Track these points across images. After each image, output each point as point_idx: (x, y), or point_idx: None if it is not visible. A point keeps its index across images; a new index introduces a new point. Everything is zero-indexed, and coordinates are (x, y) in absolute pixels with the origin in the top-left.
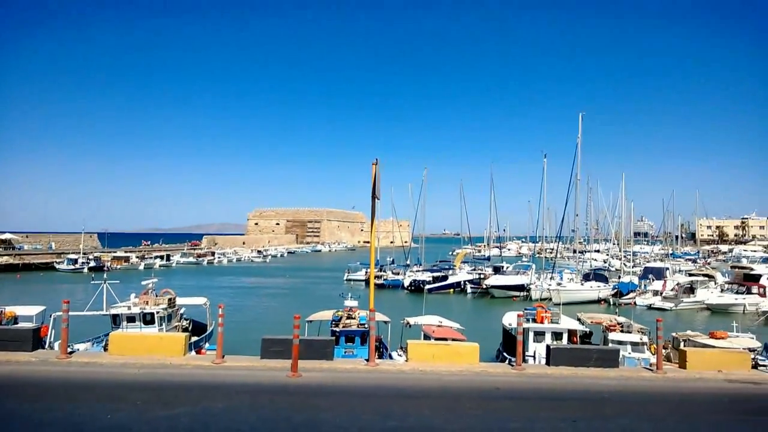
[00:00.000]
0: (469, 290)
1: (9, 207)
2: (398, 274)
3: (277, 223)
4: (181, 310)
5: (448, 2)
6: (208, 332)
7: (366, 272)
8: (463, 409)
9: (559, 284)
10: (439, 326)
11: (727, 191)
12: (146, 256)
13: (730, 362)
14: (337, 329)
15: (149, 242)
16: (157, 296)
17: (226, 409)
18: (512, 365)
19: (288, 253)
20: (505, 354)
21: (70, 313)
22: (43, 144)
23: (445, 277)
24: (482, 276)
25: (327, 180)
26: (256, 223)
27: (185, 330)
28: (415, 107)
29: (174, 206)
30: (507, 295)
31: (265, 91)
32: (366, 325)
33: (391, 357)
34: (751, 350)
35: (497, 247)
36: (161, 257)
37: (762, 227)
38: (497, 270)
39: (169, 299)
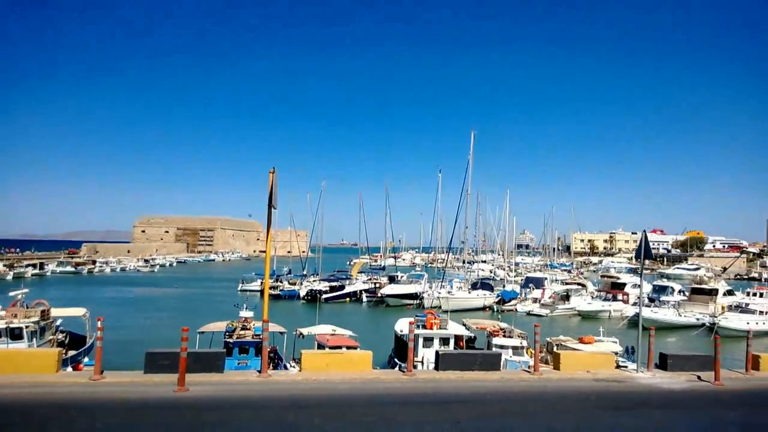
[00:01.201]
0: (364, 299)
1: None
2: (295, 284)
3: (166, 231)
4: (57, 323)
5: (350, 21)
6: (87, 345)
7: (261, 282)
8: (355, 416)
9: (449, 292)
10: (332, 335)
11: (598, 208)
12: (16, 265)
13: (597, 363)
14: (231, 340)
15: (17, 249)
16: (27, 308)
17: (103, 429)
18: (403, 371)
19: (178, 262)
20: (396, 360)
21: None
22: None
23: (341, 287)
24: (377, 285)
25: (222, 188)
26: (143, 231)
27: (61, 344)
28: (314, 118)
29: (48, 211)
30: (401, 304)
31: (156, 94)
32: (261, 336)
33: (285, 367)
34: (615, 353)
35: (393, 257)
36: (33, 266)
37: (627, 241)
38: (392, 279)
39: (42, 311)
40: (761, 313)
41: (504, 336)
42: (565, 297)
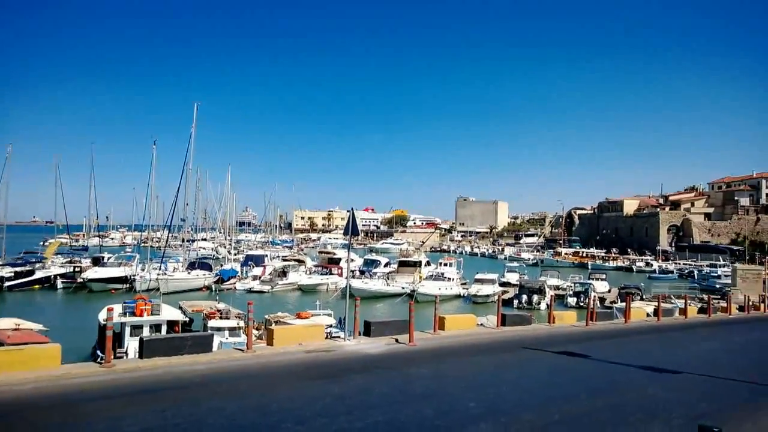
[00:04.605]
0: (60, 285)
1: None
2: None
3: None
4: None
5: None
6: None
7: None
8: (35, 421)
9: (163, 273)
10: (15, 330)
11: (318, 187)
12: None
13: (308, 335)
14: None
15: None
16: None
17: None
18: (101, 363)
19: None
20: (99, 352)
21: None
22: None
23: (31, 272)
24: (78, 269)
25: None
26: None
27: None
28: None
29: None
30: (107, 288)
31: None
32: None
33: None
34: (330, 325)
35: (98, 236)
36: None
37: (342, 219)
38: (97, 261)
39: None
40: (449, 279)
41: (221, 317)
42: (283, 273)
